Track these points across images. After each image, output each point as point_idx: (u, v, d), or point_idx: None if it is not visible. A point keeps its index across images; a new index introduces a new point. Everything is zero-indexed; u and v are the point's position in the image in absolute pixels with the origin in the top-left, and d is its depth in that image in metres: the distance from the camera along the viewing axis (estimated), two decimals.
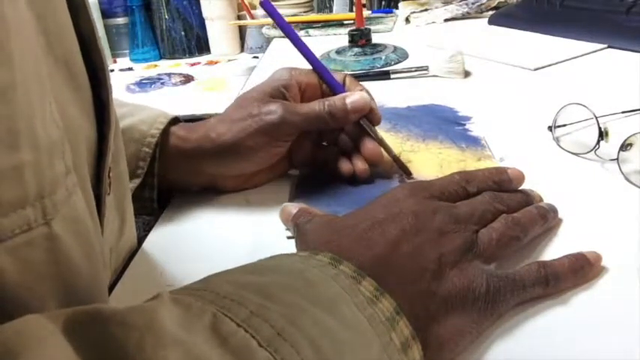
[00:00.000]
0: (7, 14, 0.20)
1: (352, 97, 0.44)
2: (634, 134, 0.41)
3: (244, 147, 0.43)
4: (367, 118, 0.45)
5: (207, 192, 0.47)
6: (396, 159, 0.47)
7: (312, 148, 0.47)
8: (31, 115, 0.21)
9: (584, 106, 0.45)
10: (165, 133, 0.44)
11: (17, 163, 0.20)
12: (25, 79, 0.21)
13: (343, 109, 0.44)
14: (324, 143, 0.48)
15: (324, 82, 0.46)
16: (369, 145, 0.45)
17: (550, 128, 0.49)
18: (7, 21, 0.20)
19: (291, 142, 0.44)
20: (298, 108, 0.44)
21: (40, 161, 0.21)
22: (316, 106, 0.44)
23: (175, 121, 0.46)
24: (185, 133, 0.44)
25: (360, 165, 0.45)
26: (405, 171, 0.46)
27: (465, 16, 1.04)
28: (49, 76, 0.24)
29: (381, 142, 0.46)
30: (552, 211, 0.36)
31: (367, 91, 0.47)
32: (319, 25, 1.09)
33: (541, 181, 0.40)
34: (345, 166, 0.45)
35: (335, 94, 0.46)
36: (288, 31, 0.47)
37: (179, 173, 0.45)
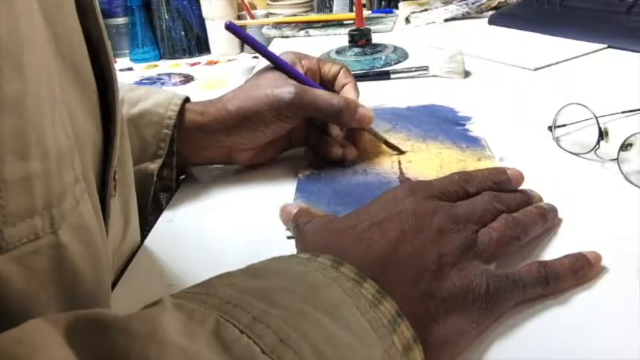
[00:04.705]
0: (21, 26, 0.20)
1: (363, 110, 0.47)
2: (634, 134, 0.41)
3: (258, 120, 0.46)
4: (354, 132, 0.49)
5: (207, 191, 0.47)
6: (387, 142, 0.51)
7: (306, 129, 0.50)
8: (41, 126, 0.21)
9: (584, 106, 0.45)
10: (181, 113, 0.46)
11: (27, 173, 0.20)
12: (37, 89, 0.21)
13: (352, 114, 0.47)
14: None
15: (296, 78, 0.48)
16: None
17: (550, 128, 0.49)
18: (21, 32, 0.20)
19: (300, 119, 0.47)
20: (310, 93, 0.46)
21: (50, 171, 0.21)
22: (330, 98, 0.46)
23: (187, 100, 0.48)
24: (201, 108, 0.48)
25: (349, 149, 0.49)
26: (396, 149, 0.50)
27: (465, 16, 1.04)
28: (58, 79, 0.24)
29: (369, 130, 0.50)
30: (552, 211, 0.36)
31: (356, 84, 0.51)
32: (319, 25, 1.09)
33: (541, 181, 0.40)
34: (335, 149, 0.48)
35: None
36: (258, 45, 0.50)
37: (196, 148, 0.48)
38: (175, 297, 0.23)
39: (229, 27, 0.48)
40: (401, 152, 0.50)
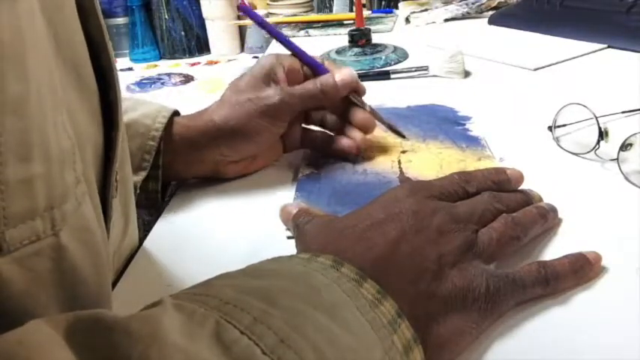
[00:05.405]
0: (23, 27, 0.20)
1: (341, 74, 0.47)
2: (634, 134, 0.41)
3: (248, 129, 0.45)
4: (354, 90, 0.48)
5: (207, 191, 0.47)
6: (390, 126, 0.50)
7: (300, 131, 0.50)
8: (43, 127, 0.21)
9: (584, 106, 0.45)
10: (168, 125, 0.45)
11: (28, 175, 0.20)
12: (39, 91, 0.21)
13: (333, 85, 0.47)
14: (312, 126, 0.51)
15: (306, 64, 0.48)
16: (360, 115, 0.48)
17: (550, 128, 0.49)
18: (23, 34, 0.20)
19: (288, 122, 0.47)
20: (292, 90, 0.46)
21: (51, 173, 0.21)
22: (310, 85, 0.47)
23: (176, 113, 0.48)
24: (187, 121, 0.47)
25: (358, 135, 0.48)
26: (400, 135, 0.51)
27: (465, 16, 1.04)
28: (59, 80, 0.24)
29: (371, 112, 0.49)
30: (552, 211, 0.36)
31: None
32: (319, 25, 1.09)
33: (541, 181, 0.40)
34: (344, 141, 0.48)
35: (316, 74, 0.48)
36: (269, 28, 0.51)
37: (184, 163, 0.47)
38: (175, 297, 0.23)
39: (243, 9, 0.49)
40: (404, 137, 0.51)
